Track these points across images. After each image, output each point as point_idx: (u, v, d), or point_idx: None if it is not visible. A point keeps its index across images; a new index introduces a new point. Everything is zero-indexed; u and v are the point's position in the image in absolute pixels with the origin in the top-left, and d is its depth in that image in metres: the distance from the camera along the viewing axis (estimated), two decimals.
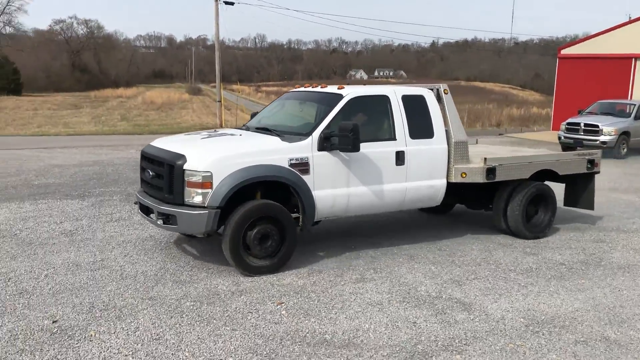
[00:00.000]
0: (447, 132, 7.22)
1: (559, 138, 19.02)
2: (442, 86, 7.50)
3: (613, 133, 17.59)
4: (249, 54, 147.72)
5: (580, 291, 5.81)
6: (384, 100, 6.88)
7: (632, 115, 18.36)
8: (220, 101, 30.11)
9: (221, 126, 27.93)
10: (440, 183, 7.18)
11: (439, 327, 4.84)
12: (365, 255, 6.81)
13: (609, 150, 17.53)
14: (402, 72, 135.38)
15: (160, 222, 6.00)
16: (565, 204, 8.62)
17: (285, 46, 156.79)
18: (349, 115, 6.56)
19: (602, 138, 17.63)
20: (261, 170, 5.94)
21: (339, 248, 7.08)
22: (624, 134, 17.78)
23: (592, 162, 8.23)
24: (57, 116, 37.24)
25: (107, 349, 4.25)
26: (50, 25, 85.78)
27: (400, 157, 6.78)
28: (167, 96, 58.12)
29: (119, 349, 4.27)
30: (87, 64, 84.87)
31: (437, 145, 7.10)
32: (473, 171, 7.20)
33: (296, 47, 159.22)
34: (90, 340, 4.39)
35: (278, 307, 5.18)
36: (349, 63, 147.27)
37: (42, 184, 11.00)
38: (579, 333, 4.79)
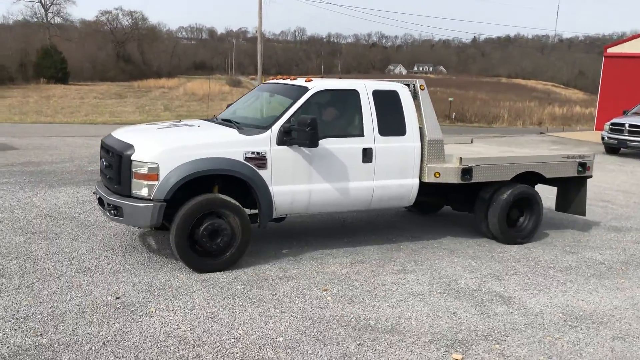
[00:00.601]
0: (422, 130, 6.95)
1: (602, 138, 18.75)
2: (419, 82, 7.15)
3: None
4: (288, 47, 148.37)
5: (620, 290, 5.89)
6: (353, 94, 6.62)
7: None
8: None
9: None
10: (412, 182, 6.90)
11: (479, 318, 5.02)
12: (405, 248, 7.01)
13: None
14: (442, 68, 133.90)
15: (109, 213, 5.90)
16: (556, 209, 8.26)
17: (324, 40, 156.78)
18: (314, 109, 6.45)
19: None
20: (212, 163, 5.75)
21: (379, 240, 7.30)
22: None
23: (583, 166, 7.76)
24: (102, 105, 38.38)
25: (168, 325, 4.59)
26: (96, 16, 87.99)
27: (367, 154, 6.52)
28: (207, 87, 59.09)
29: (178, 325, 4.61)
30: (130, 54, 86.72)
31: (409, 143, 6.79)
32: (447, 171, 6.92)
33: (335, 40, 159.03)
34: (151, 316, 4.74)
35: (324, 293, 5.44)
36: (388, 58, 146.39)
37: (94, 170, 11.51)
38: (617, 329, 4.91)
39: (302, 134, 5.92)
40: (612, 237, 8.01)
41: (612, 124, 18.52)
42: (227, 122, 6.65)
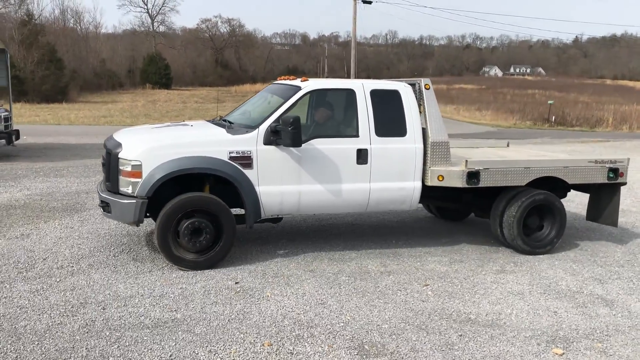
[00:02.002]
0: (425, 131, 6.65)
1: None
2: (424, 81, 6.83)
3: None
4: (379, 50, 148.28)
5: None
6: (349, 94, 6.50)
7: None
8: None
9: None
10: (413, 185, 6.63)
11: (580, 318, 5.09)
12: (504, 250, 7.11)
13: None
14: (540, 69, 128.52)
15: (102, 210, 6.14)
16: (587, 218, 7.70)
17: (416, 42, 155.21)
18: (307, 109, 6.44)
19: None
20: (194, 161, 5.80)
21: (477, 242, 7.45)
22: None
23: (615, 172, 7.10)
24: (203, 109, 40.50)
25: (283, 307, 5.07)
26: (197, 24, 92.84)
27: (362, 156, 6.36)
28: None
29: (292, 308, 5.07)
30: (228, 60, 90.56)
31: (410, 144, 6.56)
32: (451, 174, 6.58)
33: (428, 42, 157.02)
34: (268, 300, 5.24)
35: (424, 288, 5.72)
36: (482, 59, 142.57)
37: None
38: None
39: (285, 133, 5.87)
40: None
41: None
42: (221, 122, 6.72)
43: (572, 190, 7.47)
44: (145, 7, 79.98)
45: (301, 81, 6.65)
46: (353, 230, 7.85)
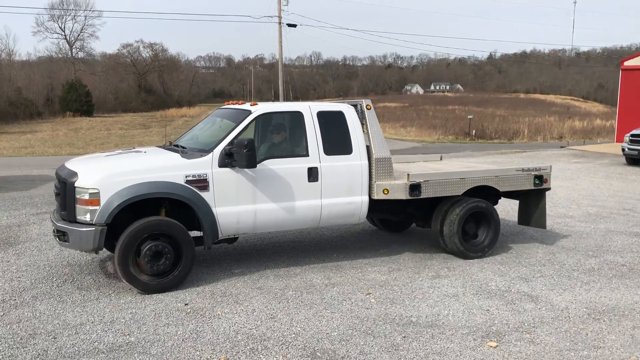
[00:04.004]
0: (369, 148, 7.07)
1: (623, 150, 19.11)
2: (365, 102, 7.27)
3: None
4: (305, 72, 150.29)
5: None
6: (297, 116, 6.85)
7: None
8: None
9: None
10: (360, 200, 7.03)
11: (510, 314, 5.57)
12: (438, 257, 7.58)
13: None
14: (459, 86, 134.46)
15: (58, 239, 6.12)
16: (519, 222, 8.37)
17: (340, 63, 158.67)
18: (257, 131, 6.72)
19: None
20: (151, 187, 5.94)
21: (413, 251, 7.88)
22: None
23: (540, 179, 7.79)
24: (129, 135, 39.64)
25: (235, 324, 5.23)
26: (118, 50, 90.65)
27: (312, 174, 6.70)
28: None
29: (243, 324, 5.24)
30: (152, 85, 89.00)
31: (355, 161, 6.95)
32: (395, 187, 7.02)
33: (351, 63, 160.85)
34: (219, 318, 5.38)
35: (367, 296, 6.04)
36: (404, 78, 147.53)
37: None
38: (637, 320, 5.42)
39: (239, 155, 6.13)
40: (633, 241, 8.47)
41: (632, 136, 18.90)
42: (174, 147, 6.89)
43: (502, 197, 8.09)
44: (63, 33, 77.56)
45: (250, 105, 6.92)
46: (295, 246, 8.10)
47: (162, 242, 6.01)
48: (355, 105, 7.33)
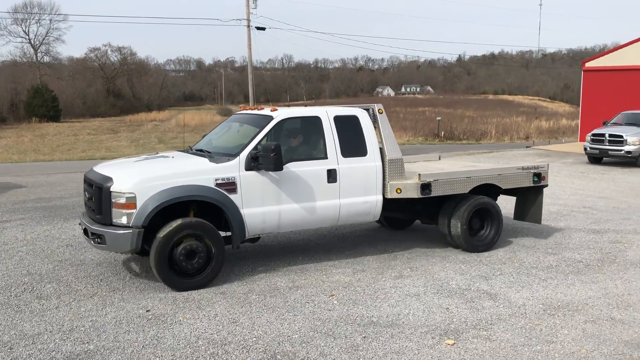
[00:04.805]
0: (382, 150, 7.44)
1: (585, 149, 19.60)
2: (377, 106, 7.67)
3: (637, 143, 18.13)
4: (276, 75, 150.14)
5: (594, 283, 6.58)
6: (315, 121, 7.18)
7: None
8: None
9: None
10: (375, 199, 7.40)
11: (469, 312, 5.69)
12: (402, 257, 7.68)
13: (635, 160, 18.08)
14: (429, 88, 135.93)
15: (93, 242, 6.41)
16: (514, 217, 8.79)
17: (312, 66, 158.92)
18: (279, 136, 7.01)
19: (626, 148, 18.19)
20: (185, 190, 6.24)
21: (378, 252, 7.98)
22: None
23: (538, 176, 8.27)
24: (97, 141, 39.10)
25: (196, 330, 5.23)
26: (85, 53, 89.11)
27: (332, 175, 7.04)
28: (199, 118, 59.97)
29: (205, 329, 5.24)
30: (120, 89, 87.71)
31: (370, 162, 7.32)
32: (408, 187, 7.39)
33: (323, 66, 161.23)
34: (181, 324, 5.38)
35: (330, 298, 6.10)
36: (375, 80, 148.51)
37: None
38: (589, 315, 5.59)
39: (267, 159, 6.46)
40: (590, 238, 8.71)
41: (593, 135, 19.40)
42: (200, 152, 7.19)
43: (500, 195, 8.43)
44: (27, 37, 75.83)
45: (271, 111, 7.21)
46: (260, 250, 8.11)
47: (195, 242, 6.29)
48: (367, 109, 7.68)
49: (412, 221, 9.34)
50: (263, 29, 30.95)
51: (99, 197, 6.31)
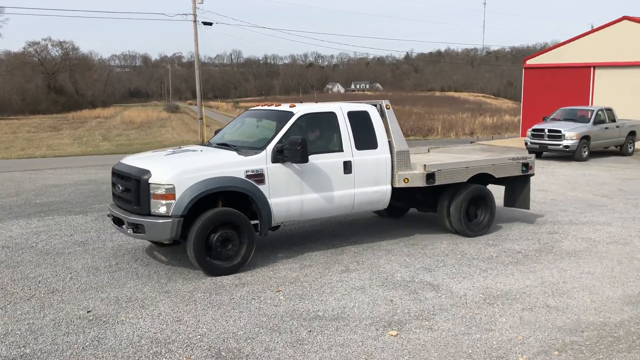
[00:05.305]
0: (390, 143, 7.99)
1: (526, 144, 20.29)
2: (384, 102, 8.26)
3: (574, 137, 18.89)
4: (225, 71, 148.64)
5: (532, 272, 6.84)
6: (331, 116, 7.69)
7: (592, 120, 19.71)
8: (201, 119, 30.94)
9: (202, 143, 28.79)
10: (386, 188, 7.95)
11: (412, 303, 5.81)
12: (348, 252, 7.77)
13: (572, 154, 18.85)
14: (378, 85, 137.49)
15: (130, 231, 6.73)
16: (504, 205, 9.45)
17: (261, 62, 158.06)
18: (299, 130, 7.37)
19: (564, 142, 18.93)
20: (219, 181, 6.64)
21: (325, 246, 8.03)
22: (585, 138, 19.09)
23: (526, 166, 9.04)
24: (37, 139, 37.61)
25: (139, 329, 5.13)
26: (24, 48, 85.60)
27: (347, 167, 7.56)
28: (145, 115, 58.69)
29: (148, 328, 5.15)
30: (63, 85, 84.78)
31: (381, 155, 7.87)
32: (414, 177, 7.99)
33: (272, 62, 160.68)
34: (123, 324, 5.26)
35: (277, 294, 6.10)
36: (325, 76, 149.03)
37: (43, 202, 11.74)
38: (526, 303, 5.81)
39: (293, 152, 6.90)
40: (529, 229, 9.04)
41: (534, 130, 20.11)
42: (224, 146, 7.56)
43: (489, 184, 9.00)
44: None
45: (290, 107, 7.68)
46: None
47: (229, 230, 6.69)
48: (375, 105, 8.21)
49: (407, 209, 9.93)
50: (210, 24, 30.49)
51: (137, 189, 6.59)
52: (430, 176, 8.05)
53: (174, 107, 75.99)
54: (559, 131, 19.19)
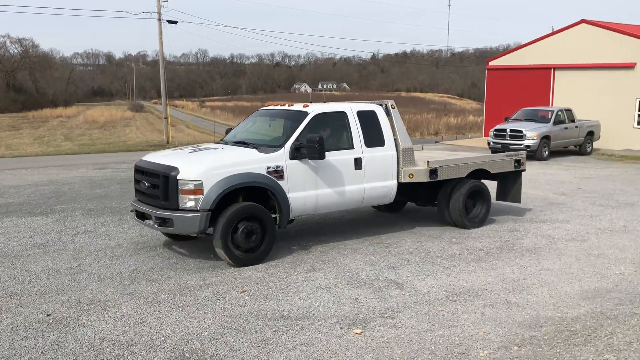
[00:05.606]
0: (396, 141, 8.48)
1: (488, 144, 20.69)
2: (390, 102, 8.76)
3: (535, 137, 19.35)
4: (191, 70, 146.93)
5: (493, 269, 6.98)
6: (342, 115, 8.13)
7: (552, 120, 20.23)
8: (166, 118, 30.54)
9: (168, 143, 28.40)
10: (392, 183, 8.45)
11: (377, 301, 5.86)
12: (314, 251, 7.79)
13: (533, 153, 19.28)
14: (345, 85, 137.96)
15: (156, 225, 7.06)
16: (497, 199, 9.99)
17: (227, 61, 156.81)
18: (314, 129, 7.72)
19: (525, 142, 19.36)
20: (243, 177, 7.02)
21: (291, 246, 8.04)
22: (545, 138, 19.58)
23: (518, 162, 9.69)
24: None
25: (101, 332, 5.05)
26: None
27: (358, 163, 8.01)
28: (109, 114, 57.61)
29: (110, 331, 5.07)
30: (22, 83, 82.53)
31: (387, 152, 8.35)
32: (419, 172, 8.51)
33: (239, 61, 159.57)
34: (84, 327, 5.17)
35: (242, 294, 6.08)
36: (292, 76, 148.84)
37: (1, 203, 11.41)
38: (488, 299, 5.93)
39: (312, 149, 7.31)
40: (491, 227, 9.22)
41: (496, 130, 20.52)
42: (242, 144, 7.91)
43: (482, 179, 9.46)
44: None
45: (303, 107, 8.09)
46: (171, 248, 7.93)
47: (252, 222, 7.04)
48: (381, 105, 8.70)
49: (405, 204, 10.31)
50: (175, 22, 30.09)
51: (165, 185, 6.91)
52: (433, 172, 8.54)
53: (139, 106, 74.78)
54: (521, 131, 19.63)
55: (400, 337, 4.97)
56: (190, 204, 6.79)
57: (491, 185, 9.75)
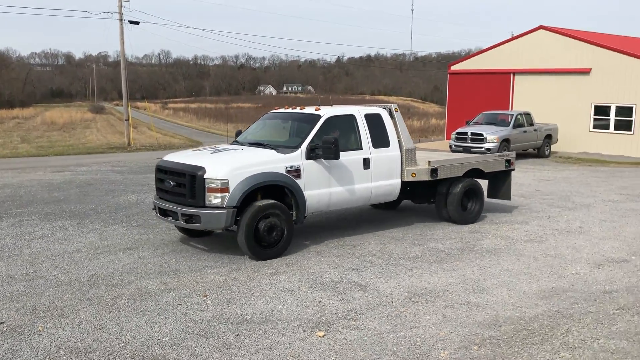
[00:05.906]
0: (400, 142, 9.01)
1: (450, 146, 21.01)
2: (393, 105, 9.32)
3: (495, 140, 19.76)
4: (153, 71, 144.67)
5: (454, 270, 7.09)
6: (351, 118, 8.64)
7: (511, 124, 20.69)
8: (128, 120, 30.00)
9: (129, 145, 27.91)
10: (397, 182, 9.03)
11: (340, 303, 5.88)
12: None
13: None
14: (310, 87, 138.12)
15: (182, 221, 7.45)
16: (487, 196, 10.48)
17: (191, 62, 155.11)
18: (326, 131, 8.17)
19: (486, 145, 19.75)
20: (266, 176, 7.48)
21: None
22: (505, 141, 20.00)
23: (509, 162, 10.37)
24: None
25: (58, 339, 4.92)
26: None
27: (366, 163, 8.55)
28: (68, 116, 56.25)
29: (67, 338, 4.94)
30: None
31: (392, 152, 8.92)
32: (421, 171, 9.08)
33: (202, 62, 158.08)
34: (40, 334, 5.02)
35: (204, 298, 6.01)
36: (257, 78, 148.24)
37: None
38: (449, 300, 6.02)
39: (328, 150, 7.82)
40: (453, 229, 9.37)
41: (457, 133, 20.88)
42: (259, 145, 8.35)
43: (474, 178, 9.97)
44: None
45: (315, 110, 8.55)
46: (130, 253, 7.78)
47: (274, 219, 7.45)
48: (385, 108, 9.22)
49: (400, 202, 10.53)
50: (137, 23, 29.56)
51: (191, 184, 7.30)
52: (434, 171, 9.13)
53: (99, 107, 73.25)
54: (481, 134, 20.02)
55: (363, 339, 5.00)
56: (216, 201, 7.18)
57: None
